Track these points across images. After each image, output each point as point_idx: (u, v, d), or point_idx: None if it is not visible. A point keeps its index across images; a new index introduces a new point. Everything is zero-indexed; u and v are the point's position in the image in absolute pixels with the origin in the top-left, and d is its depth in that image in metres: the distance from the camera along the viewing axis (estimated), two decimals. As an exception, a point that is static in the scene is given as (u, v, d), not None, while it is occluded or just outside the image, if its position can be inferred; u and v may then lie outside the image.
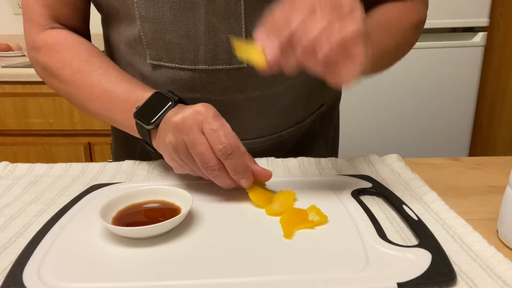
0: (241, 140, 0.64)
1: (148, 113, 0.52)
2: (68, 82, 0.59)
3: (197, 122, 0.46)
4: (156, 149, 0.54)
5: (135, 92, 0.55)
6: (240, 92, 0.60)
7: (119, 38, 0.62)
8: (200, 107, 0.47)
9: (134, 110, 0.53)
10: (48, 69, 0.61)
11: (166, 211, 0.45)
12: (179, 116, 0.47)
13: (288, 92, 0.63)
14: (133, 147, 0.72)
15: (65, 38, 0.61)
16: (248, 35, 0.56)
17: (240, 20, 0.55)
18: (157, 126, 0.52)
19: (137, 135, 0.55)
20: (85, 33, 0.66)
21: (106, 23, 0.65)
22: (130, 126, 0.55)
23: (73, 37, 0.62)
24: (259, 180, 0.50)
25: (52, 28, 0.62)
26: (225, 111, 0.61)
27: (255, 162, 0.49)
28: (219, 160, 0.47)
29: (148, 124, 0.52)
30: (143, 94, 0.54)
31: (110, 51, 0.67)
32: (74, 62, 0.59)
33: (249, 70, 0.59)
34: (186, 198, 0.45)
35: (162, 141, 0.50)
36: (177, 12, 0.55)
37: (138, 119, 0.53)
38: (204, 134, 0.46)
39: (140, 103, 0.53)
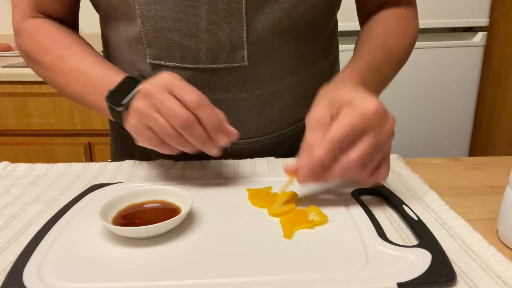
0: (242, 139, 0.64)
1: (118, 96, 0.52)
2: (50, 68, 0.60)
3: (163, 85, 0.47)
4: (127, 129, 0.53)
5: (109, 76, 0.55)
6: (241, 91, 0.60)
7: (119, 37, 0.62)
8: (165, 74, 0.48)
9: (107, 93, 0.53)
10: (31, 56, 0.62)
11: (166, 211, 0.45)
12: (145, 84, 0.48)
13: (288, 91, 0.64)
14: (132, 146, 0.72)
15: (47, 26, 0.62)
16: (249, 34, 0.56)
17: (242, 19, 0.55)
18: (127, 108, 0.51)
19: (112, 118, 0.55)
20: (72, 25, 0.66)
21: (105, 22, 0.65)
22: (104, 109, 0.55)
23: (55, 25, 0.63)
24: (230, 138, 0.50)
25: (36, 17, 0.63)
26: (226, 110, 0.61)
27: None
28: (191, 115, 0.46)
29: (118, 106, 0.51)
30: (116, 78, 0.54)
31: (109, 51, 0.67)
32: (54, 49, 0.60)
33: (250, 69, 0.59)
34: (186, 198, 0.45)
35: (132, 111, 0.50)
36: (178, 10, 0.55)
37: (109, 102, 0.52)
38: (172, 94, 0.46)
39: (112, 87, 0.53)
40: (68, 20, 0.66)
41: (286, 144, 0.70)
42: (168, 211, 0.45)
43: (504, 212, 0.42)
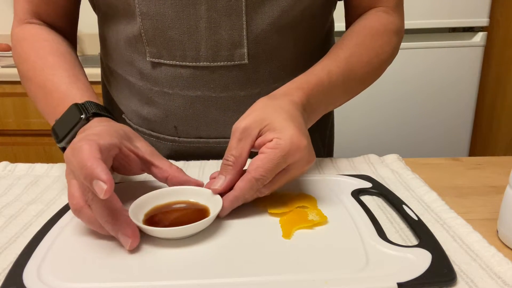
0: None
1: (60, 129, 0.50)
2: (24, 78, 0.60)
3: (73, 165, 0.40)
4: None
5: (64, 100, 0.53)
6: (241, 89, 0.60)
7: (118, 36, 0.62)
8: (85, 145, 0.40)
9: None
10: (15, 62, 0.62)
11: (193, 212, 0.45)
12: (67, 150, 0.42)
13: None
14: None
15: (34, 33, 0.61)
16: (249, 32, 0.57)
17: (241, 16, 0.55)
18: (68, 143, 0.48)
19: None
20: (68, 32, 0.66)
21: (104, 22, 0.65)
22: None
23: (43, 33, 0.62)
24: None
25: (30, 23, 0.63)
26: (226, 108, 0.61)
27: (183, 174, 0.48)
28: (79, 204, 0.40)
29: (59, 142, 0.50)
30: (66, 106, 0.51)
31: (107, 51, 0.67)
32: (31, 58, 0.59)
33: (250, 67, 0.59)
34: (214, 199, 0.45)
35: None
36: (178, 8, 0.55)
37: (53, 135, 0.51)
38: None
39: (59, 116, 0.51)
40: (65, 27, 0.65)
41: None
42: (195, 211, 0.45)
43: (504, 212, 0.42)
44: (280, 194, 0.49)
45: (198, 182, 0.48)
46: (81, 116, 0.49)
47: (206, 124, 0.63)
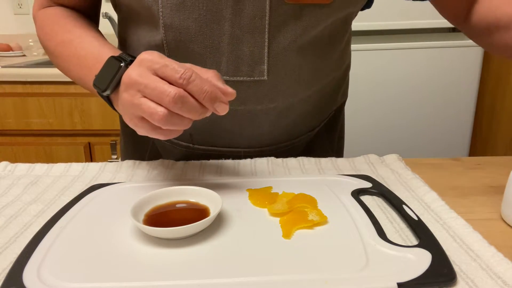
0: (254, 148, 0.65)
1: (103, 79, 0.50)
2: (54, 53, 0.61)
3: (145, 68, 0.44)
4: (120, 113, 0.51)
5: (101, 57, 0.52)
6: (258, 103, 0.60)
7: (139, 41, 0.61)
8: (144, 55, 0.45)
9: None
10: (41, 42, 0.63)
11: (193, 212, 0.45)
12: (127, 71, 0.45)
13: (303, 102, 0.64)
14: (143, 146, 0.72)
15: (56, 13, 0.63)
16: (270, 49, 0.56)
17: (264, 34, 0.55)
18: (113, 90, 0.49)
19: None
20: (89, 15, 0.66)
21: (125, 23, 0.64)
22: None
23: (64, 12, 0.63)
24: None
25: (51, 6, 0.64)
26: (241, 120, 0.61)
27: (221, 81, 0.46)
28: (179, 89, 0.43)
29: (103, 91, 0.49)
30: (102, 63, 0.51)
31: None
32: (58, 34, 0.60)
33: (268, 83, 0.59)
34: (215, 199, 0.45)
35: (120, 103, 0.48)
36: (202, 23, 0.55)
37: (96, 87, 0.51)
38: (157, 75, 0.44)
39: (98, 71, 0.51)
40: (85, 11, 0.65)
41: (297, 151, 0.70)
42: (195, 211, 0.45)
43: (509, 193, 0.42)
44: (280, 194, 0.49)
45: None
46: (121, 64, 0.48)
47: (220, 134, 0.63)
